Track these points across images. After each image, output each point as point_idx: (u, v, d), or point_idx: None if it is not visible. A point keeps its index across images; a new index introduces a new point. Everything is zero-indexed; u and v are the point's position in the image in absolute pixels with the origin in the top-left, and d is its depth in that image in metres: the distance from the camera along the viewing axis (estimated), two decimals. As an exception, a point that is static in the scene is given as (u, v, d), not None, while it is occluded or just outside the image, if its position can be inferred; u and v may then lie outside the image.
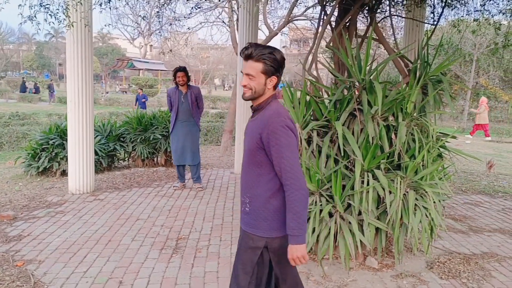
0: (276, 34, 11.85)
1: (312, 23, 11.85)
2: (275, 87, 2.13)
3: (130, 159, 8.34)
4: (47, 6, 4.27)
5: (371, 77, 3.66)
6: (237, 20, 11.27)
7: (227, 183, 6.99)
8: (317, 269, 3.71)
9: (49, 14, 4.17)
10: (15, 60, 65.17)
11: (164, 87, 42.13)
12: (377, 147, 3.50)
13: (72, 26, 4.36)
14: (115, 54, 52.77)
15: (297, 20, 11.47)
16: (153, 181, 6.91)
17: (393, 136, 3.65)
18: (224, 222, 4.99)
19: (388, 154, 3.61)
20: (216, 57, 49.26)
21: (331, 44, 4.19)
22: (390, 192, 3.49)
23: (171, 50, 7.15)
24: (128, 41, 48.84)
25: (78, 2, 4.28)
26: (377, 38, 4.42)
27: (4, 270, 3.60)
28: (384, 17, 4.78)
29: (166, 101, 6.38)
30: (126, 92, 37.61)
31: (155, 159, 8.32)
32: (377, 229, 3.69)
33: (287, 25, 12.01)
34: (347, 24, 4.23)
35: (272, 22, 12.39)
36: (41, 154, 7.16)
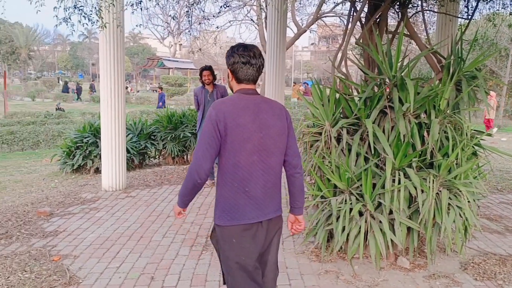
0: (305, 31, 11.80)
1: (341, 19, 11.73)
2: (237, 80, 2.29)
3: (160, 157, 8.49)
4: (81, 8, 4.39)
5: (403, 74, 3.59)
6: (266, 18, 11.29)
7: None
8: (347, 268, 3.67)
9: (83, 16, 4.28)
10: (50, 61, 67.31)
11: (193, 86, 42.57)
12: (408, 145, 3.44)
13: (105, 27, 4.47)
14: (146, 54, 53.72)
15: (326, 17, 11.38)
16: (183, 179, 6.99)
17: (425, 134, 3.57)
18: (253, 219, 5.01)
19: (420, 152, 3.54)
20: (244, 55, 49.30)
21: (361, 41, 4.14)
22: (422, 191, 3.42)
23: (200, 49, 7.21)
24: (158, 40, 49.56)
25: (111, 3, 4.38)
26: (408, 33, 4.33)
27: (41, 265, 3.73)
28: (416, 12, 4.67)
29: (193, 101, 6.40)
30: (156, 90, 38.16)
31: (185, 156, 8.43)
32: (409, 228, 3.63)
33: (316, 22, 11.94)
34: (378, 20, 4.16)
35: (301, 19, 12.32)
36: (76, 152, 7.37)
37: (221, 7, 6.47)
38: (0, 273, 3.54)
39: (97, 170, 7.34)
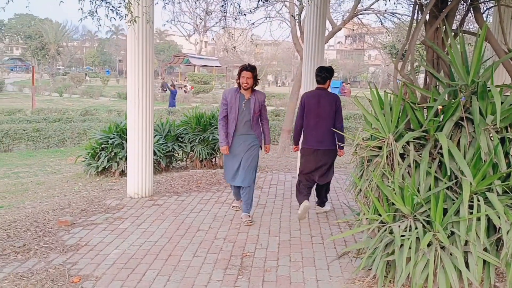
0: (340, 29, 11.21)
1: (378, 17, 11.09)
2: (317, 83, 5.00)
3: (188, 160, 8.07)
4: (108, 0, 3.97)
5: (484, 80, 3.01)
6: (299, 14, 10.75)
7: (290, 189, 6.49)
8: (408, 306, 3.14)
9: (111, 9, 3.85)
10: (78, 57, 68.29)
11: (218, 84, 42.29)
12: (490, 165, 2.88)
13: (135, 21, 4.03)
14: (172, 51, 53.81)
15: (362, 14, 10.76)
16: (212, 185, 6.55)
17: None
18: (292, 237, 4.51)
19: (504, 174, 2.97)
20: (270, 53, 48.99)
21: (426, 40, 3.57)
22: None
23: (235, 47, 6.73)
24: (184, 37, 49.50)
25: (141, -5, 3.95)
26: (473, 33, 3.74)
27: (60, 287, 3.32)
28: (491, 7, 4.07)
29: (220, 105, 4.95)
30: (182, 88, 38.02)
31: (214, 160, 7.99)
32: (483, 261, 3.06)
33: (351, 20, 11.33)
34: (445, 15, 3.58)
35: (335, 17, 11.73)
36: (101, 154, 7.03)
37: (258, 1, 5.96)
38: (13, 296, 3.15)
39: (123, 173, 6.98)
